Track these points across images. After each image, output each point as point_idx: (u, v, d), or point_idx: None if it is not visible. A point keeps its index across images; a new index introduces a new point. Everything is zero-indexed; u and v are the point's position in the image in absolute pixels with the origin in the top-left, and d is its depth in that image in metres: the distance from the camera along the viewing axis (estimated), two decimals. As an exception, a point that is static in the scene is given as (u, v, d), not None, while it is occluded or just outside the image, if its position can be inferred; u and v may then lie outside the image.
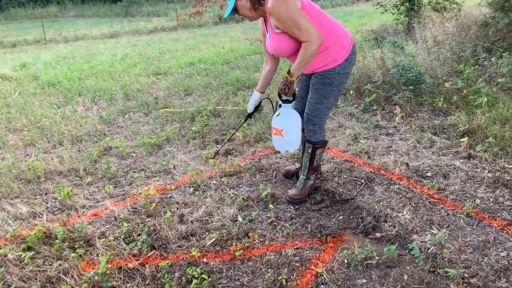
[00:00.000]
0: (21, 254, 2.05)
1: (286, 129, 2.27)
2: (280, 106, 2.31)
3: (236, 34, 10.98)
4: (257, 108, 2.61)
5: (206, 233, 2.23)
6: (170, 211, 2.46)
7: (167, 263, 1.98)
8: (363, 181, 2.66)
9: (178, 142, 3.62)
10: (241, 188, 2.70)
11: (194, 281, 1.82)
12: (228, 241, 2.13)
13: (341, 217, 2.28)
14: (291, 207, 2.42)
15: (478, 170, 2.67)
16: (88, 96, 5.38)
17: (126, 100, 5.15)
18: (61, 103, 5.16)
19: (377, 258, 1.89)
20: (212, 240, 2.14)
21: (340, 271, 1.85)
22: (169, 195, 2.69)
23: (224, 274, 1.91)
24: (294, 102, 2.30)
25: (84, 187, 2.90)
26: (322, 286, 1.78)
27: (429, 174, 2.67)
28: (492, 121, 3.21)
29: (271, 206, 2.40)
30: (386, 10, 8.10)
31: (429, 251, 1.92)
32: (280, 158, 3.12)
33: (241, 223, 2.28)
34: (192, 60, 7.22)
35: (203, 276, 1.85)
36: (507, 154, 2.81)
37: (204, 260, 2.00)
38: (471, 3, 8.52)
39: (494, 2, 6.52)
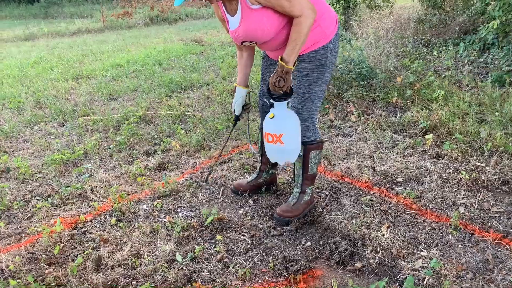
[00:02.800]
0: None
1: (286, 133, 1.76)
2: (272, 106, 1.79)
3: (169, 35, 10.25)
4: (245, 106, 2.09)
5: (133, 283, 1.63)
6: (83, 253, 1.81)
7: None
8: (327, 192, 2.23)
9: (98, 157, 2.93)
10: (180, 213, 2.13)
11: None
12: (164, 293, 1.55)
13: (309, 243, 1.81)
14: (245, 234, 1.90)
15: (451, 171, 2.38)
16: (-12, 105, 4.42)
17: (37, 108, 4.30)
18: (-50, 115, 4.15)
19: (362, 297, 1.44)
20: (140, 294, 1.55)
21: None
22: (83, 229, 2.03)
23: None
24: (290, 98, 1.80)
25: (-38, 227, 2.12)
26: None
27: (400, 179, 2.32)
28: (452, 115, 2.98)
29: (219, 237, 1.86)
30: (322, 8, 7.99)
31: (425, 282, 1.52)
32: (226, 170, 2.59)
33: (180, 264, 1.71)
34: (119, 61, 6.43)
35: None
36: (476, 151, 2.56)
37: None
38: (403, 0, 8.74)
39: (426, -1, 6.65)
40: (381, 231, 1.84)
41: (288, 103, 1.81)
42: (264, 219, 2.02)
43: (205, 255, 1.77)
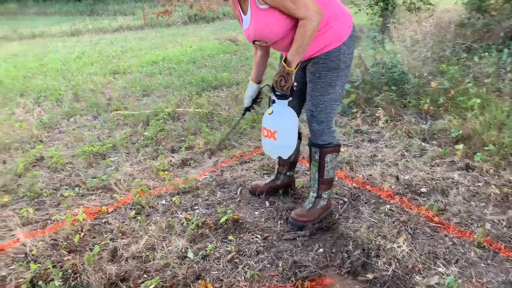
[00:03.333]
0: None
1: (280, 131, 1.80)
2: (273, 102, 1.84)
3: (205, 34, 10.42)
4: (256, 100, 2.13)
5: (144, 276, 1.67)
6: (100, 243, 1.88)
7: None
8: (346, 199, 2.18)
9: (126, 151, 3.03)
10: (196, 210, 2.16)
11: None
12: (172, 289, 1.58)
13: (321, 249, 1.78)
14: (257, 236, 1.90)
15: (481, 184, 2.25)
16: (32, 96, 4.68)
17: (75, 101, 4.50)
18: (-3, 104, 4.44)
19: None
20: (150, 288, 1.58)
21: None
22: (103, 220, 2.11)
23: None
24: (291, 98, 1.83)
25: (-4, 211, 2.27)
26: None
27: (424, 189, 2.22)
28: (487, 125, 2.82)
29: (231, 237, 1.87)
30: (360, 10, 7.81)
31: (439, 300, 1.45)
32: (246, 170, 2.60)
33: (191, 261, 1.73)
34: (155, 58, 6.61)
35: None
36: (510, 165, 2.41)
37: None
38: (446, 3, 8.37)
39: (470, 2, 6.33)
40: (398, 243, 1.77)
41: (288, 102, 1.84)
42: (279, 222, 2.00)
43: (216, 254, 1.78)
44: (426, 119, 3.23)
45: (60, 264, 1.74)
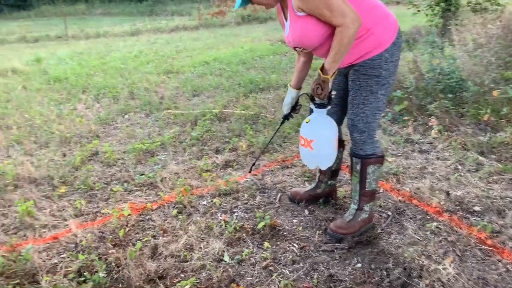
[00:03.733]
0: None
1: (317, 140, 1.79)
2: (311, 111, 1.83)
3: (258, 34, 10.50)
4: (295, 107, 2.12)
5: (181, 275, 1.72)
6: (143, 240, 1.97)
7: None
8: (390, 213, 2.08)
9: (173, 149, 3.14)
10: (235, 213, 2.18)
11: None
12: (207, 290, 1.61)
13: (359, 264, 1.72)
14: (294, 244, 1.88)
15: (545, 206, 2.05)
16: (92, 93, 5.02)
17: (130, 99, 4.74)
18: (62, 99, 4.82)
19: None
20: (185, 288, 1.63)
21: None
22: (147, 217, 2.20)
23: None
24: (329, 107, 1.81)
25: (53, 200, 2.45)
26: None
27: (477, 208, 2.07)
28: (557, 141, 2.56)
29: (267, 244, 1.86)
30: (419, 11, 7.43)
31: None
32: (287, 175, 2.58)
33: (226, 265, 1.76)
34: (207, 59, 6.78)
35: None
36: None
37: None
38: (517, 5, 7.69)
39: (546, 2, 5.78)
40: (444, 265, 1.66)
41: (326, 110, 1.81)
42: (317, 232, 1.97)
43: (252, 260, 1.79)
44: (485, 130, 3.00)
45: (105, 256, 1.85)
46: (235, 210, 2.21)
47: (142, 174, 2.73)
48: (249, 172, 2.48)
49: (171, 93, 4.85)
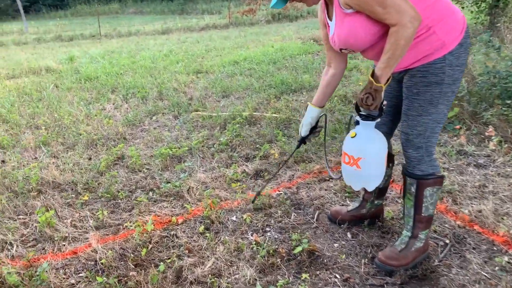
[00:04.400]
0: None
1: (366, 158, 1.52)
2: (357, 123, 1.57)
3: (288, 33, 10.23)
4: (314, 129, 1.84)
5: (207, 306, 1.53)
6: (166, 261, 1.78)
7: None
8: (447, 240, 1.80)
9: (201, 155, 2.96)
10: (268, 233, 1.96)
11: None
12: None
13: (416, 306, 1.46)
14: (336, 275, 1.64)
15: None
16: (121, 93, 4.95)
17: (159, 99, 4.63)
18: (92, 99, 4.78)
19: None
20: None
21: None
22: (172, 232, 2.02)
23: None
24: (379, 119, 1.55)
25: (76, 208, 2.33)
26: None
27: (555, 239, 1.75)
28: None
29: (306, 276, 1.63)
30: (463, 7, 6.94)
31: None
32: (325, 190, 2.34)
33: (259, 297, 1.54)
34: (236, 58, 6.60)
35: None
36: None
37: None
38: None
39: None
40: (521, 313, 1.38)
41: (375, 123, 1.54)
42: (363, 261, 1.71)
43: (287, 292, 1.56)
44: (553, 142, 2.64)
45: (125, 279, 1.68)
46: (268, 229, 1.99)
47: (168, 182, 2.56)
48: (252, 202, 2.17)
49: (200, 94, 4.70)
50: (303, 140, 1.87)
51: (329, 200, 2.21)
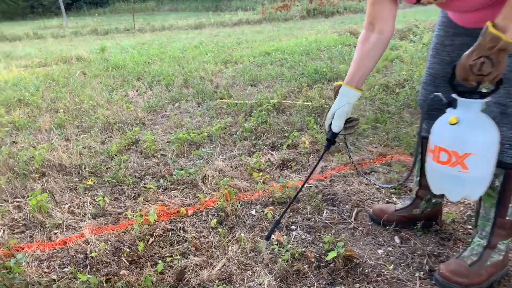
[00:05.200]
0: None
1: (477, 153, 1.07)
2: (448, 105, 1.13)
3: (323, 27, 9.78)
4: (348, 123, 1.31)
5: (211, 321, 1.18)
6: (167, 258, 1.46)
7: None
8: (531, 254, 1.36)
9: (222, 142, 2.64)
10: (294, 232, 1.59)
11: None
12: None
13: None
14: (380, 292, 1.24)
15: None
16: (147, 80, 4.75)
17: (184, 87, 4.37)
18: (116, 86, 4.60)
19: None
20: None
21: None
22: (179, 226, 1.70)
23: None
24: (489, 98, 1.09)
25: (77, 193, 2.06)
26: None
27: None
28: None
29: (341, 289, 1.25)
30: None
31: None
32: (366, 184, 1.93)
33: (277, 315, 1.18)
34: (268, 49, 6.27)
35: None
36: None
37: None
38: None
39: None
40: None
41: (483, 104, 1.07)
42: (416, 274, 1.31)
43: (316, 309, 1.19)
44: None
45: (114, 278, 1.36)
46: (294, 227, 1.63)
47: (182, 169, 2.25)
48: (267, 240, 1.44)
49: (226, 82, 4.40)
50: (333, 139, 1.33)
51: (371, 196, 1.81)
